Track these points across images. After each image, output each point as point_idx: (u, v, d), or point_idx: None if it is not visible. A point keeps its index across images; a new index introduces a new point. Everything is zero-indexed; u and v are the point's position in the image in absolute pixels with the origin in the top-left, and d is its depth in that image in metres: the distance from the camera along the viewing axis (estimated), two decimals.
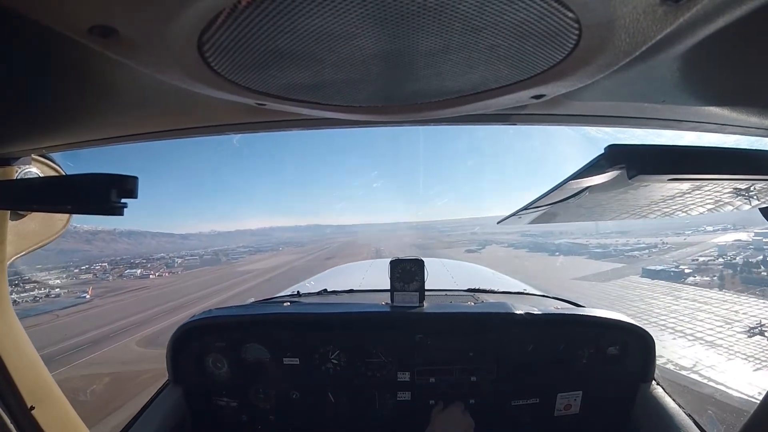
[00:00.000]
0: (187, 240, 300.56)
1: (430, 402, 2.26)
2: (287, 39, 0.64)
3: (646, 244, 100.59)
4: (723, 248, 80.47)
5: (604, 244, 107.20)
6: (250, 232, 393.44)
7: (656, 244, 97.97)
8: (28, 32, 0.68)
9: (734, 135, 1.26)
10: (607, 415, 2.26)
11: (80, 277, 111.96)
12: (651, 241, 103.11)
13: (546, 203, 1.34)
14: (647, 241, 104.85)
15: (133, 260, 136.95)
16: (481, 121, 1.27)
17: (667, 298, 55.92)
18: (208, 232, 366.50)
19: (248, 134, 1.40)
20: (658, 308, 50.99)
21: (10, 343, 1.48)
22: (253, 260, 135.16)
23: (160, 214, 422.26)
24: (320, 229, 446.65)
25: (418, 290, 2.30)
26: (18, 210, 1.46)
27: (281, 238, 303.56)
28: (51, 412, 1.58)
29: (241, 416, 2.33)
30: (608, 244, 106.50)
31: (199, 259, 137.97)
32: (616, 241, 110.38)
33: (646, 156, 0.83)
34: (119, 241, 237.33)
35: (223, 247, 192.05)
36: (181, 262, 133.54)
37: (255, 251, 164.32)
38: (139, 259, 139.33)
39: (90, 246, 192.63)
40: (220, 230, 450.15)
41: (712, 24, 0.66)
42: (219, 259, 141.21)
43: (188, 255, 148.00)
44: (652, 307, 52.12)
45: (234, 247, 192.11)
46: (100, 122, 1.20)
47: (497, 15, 0.58)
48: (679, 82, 0.95)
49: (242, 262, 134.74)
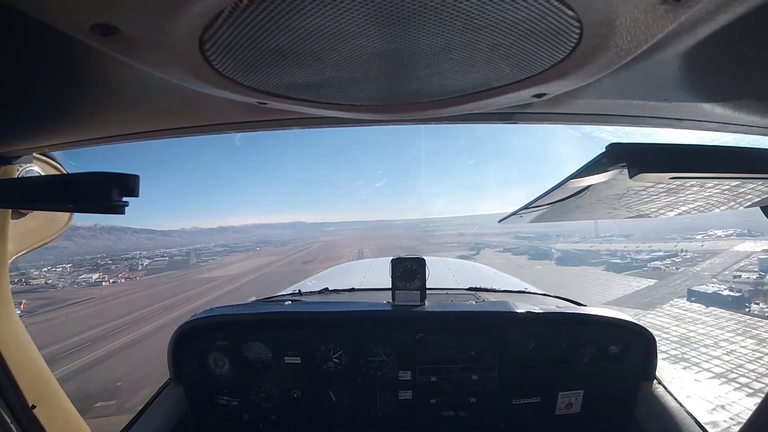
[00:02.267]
0: (167, 237, 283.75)
1: (431, 401, 2.27)
2: (289, 38, 0.64)
3: (664, 252, 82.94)
4: (765, 263, 60.81)
5: (614, 251, 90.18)
6: (233, 229, 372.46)
7: (674, 251, 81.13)
8: (30, 31, 0.68)
9: (735, 133, 1.26)
10: (609, 414, 2.26)
11: (31, 282, 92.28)
12: (665, 248, 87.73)
13: (547, 202, 1.33)
14: (659, 247, 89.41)
15: (100, 260, 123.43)
16: (483, 119, 1.27)
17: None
18: (190, 229, 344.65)
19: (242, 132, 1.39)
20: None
21: (12, 342, 1.49)
22: (225, 263, 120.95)
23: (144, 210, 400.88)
24: (304, 226, 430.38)
25: (420, 289, 2.30)
26: (19, 209, 1.47)
27: (264, 236, 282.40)
28: (52, 411, 1.58)
29: (243, 415, 2.33)
30: (617, 251, 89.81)
31: (168, 260, 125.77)
32: (624, 246, 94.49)
33: (647, 154, 0.83)
34: (99, 237, 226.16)
35: (200, 246, 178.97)
36: (147, 264, 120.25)
37: (231, 251, 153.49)
38: (107, 259, 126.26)
39: (69, 242, 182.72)
40: (203, 227, 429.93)
41: (713, 23, 0.65)
42: (188, 260, 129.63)
43: (159, 255, 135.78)
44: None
45: (211, 245, 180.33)
46: (102, 121, 1.20)
47: (498, 14, 0.58)
48: (680, 81, 0.94)
49: (212, 265, 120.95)
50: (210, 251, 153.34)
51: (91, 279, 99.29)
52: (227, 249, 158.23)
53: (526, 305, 2.28)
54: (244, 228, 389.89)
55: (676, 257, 76.50)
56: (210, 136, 1.38)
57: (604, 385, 2.25)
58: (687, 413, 1.97)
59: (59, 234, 1.64)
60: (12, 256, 1.49)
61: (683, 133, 1.34)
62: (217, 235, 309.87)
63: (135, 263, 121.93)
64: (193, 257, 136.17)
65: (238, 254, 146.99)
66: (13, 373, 1.45)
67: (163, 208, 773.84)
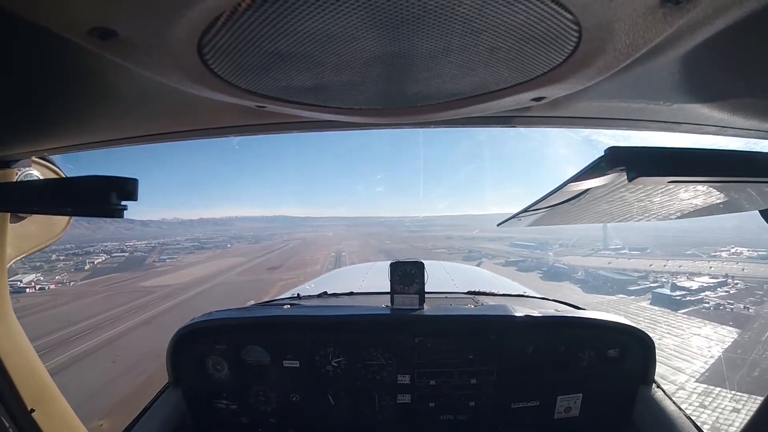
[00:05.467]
0: (147, 227, 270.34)
1: (429, 405, 2.26)
2: (287, 41, 0.63)
3: (710, 277, 59.25)
4: None
5: (642, 271, 68.73)
6: (213, 221, 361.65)
7: (723, 279, 57.49)
8: (29, 35, 0.67)
9: (734, 137, 1.26)
10: (607, 418, 2.25)
11: None
12: (693, 267, 67.09)
13: (546, 205, 1.34)
14: (687, 266, 68.75)
15: (56, 255, 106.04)
16: (481, 123, 1.27)
17: None
18: (171, 220, 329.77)
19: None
20: None
21: (11, 345, 1.48)
22: (182, 264, 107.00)
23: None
24: (287, 221, 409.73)
25: (418, 293, 2.30)
26: (18, 212, 1.46)
27: (243, 230, 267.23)
28: (51, 414, 1.58)
29: (242, 419, 2.32)
30: (647, 272, 68.40)
31: (127, 257, 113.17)
32: (650, 265, 72.57)
33: (645, 158, 0.82)
34: (77, 225, 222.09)
35: (170, 240, 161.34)
36: (99, 263, 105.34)
37: (199, 247, 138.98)
38: (64, 255, 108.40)
39: None
40: (185, 218, 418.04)
41: (712, 26, 0.65)
42: (146, 259, 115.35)
43: (120, 251, 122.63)
44: None
45: (183, 240, 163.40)
46: (100, 125, 1.21)
47: (497, 17, 0.58)
48: (679, 84, 0.94)
49: (167, 266, 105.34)
50: (177, 247, 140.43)
51: (20, 283, 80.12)
52: (196, 245, 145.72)
53: (525, 309, 2.28)
54: (225, 220, 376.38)
55: (726, 285, 56.25)
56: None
57: (602, 388, 2.25)
58: (686, 417, 1.96)
59: (58, 238, 1.64)
60: (11, 260, 1.48)
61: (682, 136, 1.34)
62: (197, 227, 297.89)
63: (84, 261, 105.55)
64: (153, 255, 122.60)
65: (205, 252, 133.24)
66: (12, 376, 1.45)
67: (148, 197, 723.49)
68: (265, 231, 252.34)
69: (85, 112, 1.09)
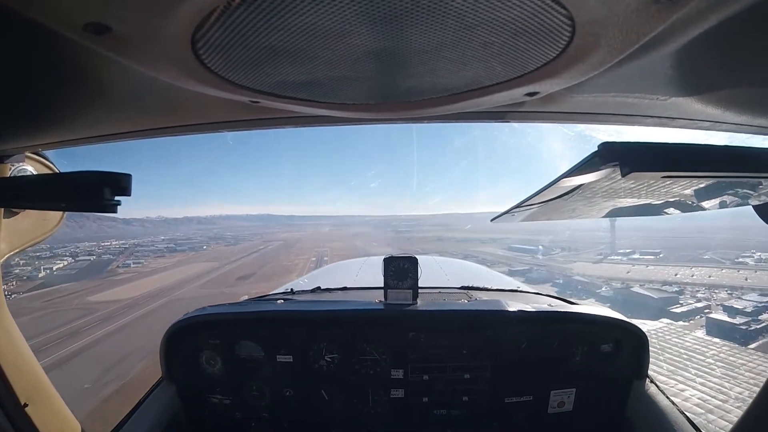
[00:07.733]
0: (129, 226, 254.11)
1: (423, 399, 2.27)
2: (281, 36, 0.64)
3: (760, 293, 44.20)
4: None
5: (675, 283, 54.43)
6: (197, 219, 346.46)
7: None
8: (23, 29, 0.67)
9: (727, 132, 1.27)
10: (601, 412, 2.27)
11: None
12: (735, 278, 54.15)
13: (539, 201, 1.34)
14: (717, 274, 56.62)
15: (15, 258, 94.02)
16: (475, 118, 1.27)
17: None
18: (155, 218, 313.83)
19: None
20: None
21: (5, 340, 1.48)
22: (146, 271, 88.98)
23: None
24: (272, 219, 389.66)
25: (412, 288, 2.31)
26: (11, 207, 1.46)
27: (225, 228, 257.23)
28: (45, 409, 1.58)
29: (235, 413, 2.33)
30: (679, 284, 54.18)
31: (91, 262, 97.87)
32: (675, 275, 58.47)
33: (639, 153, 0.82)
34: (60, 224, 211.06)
35: (145, 240, 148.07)
36: (60, 268, 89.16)
37: (172, 249, 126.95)
38: (27, 257, 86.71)
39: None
40: (168, 216, 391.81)
41: (705, 22, 0.66)
42: (110, 264, 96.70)
43: (85, 254, 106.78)
44: None
45: (158, 240, 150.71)
46: (94, 120, 1.20)
47: (491, 12, 0.58)
48: (673, 79, 0.95)
49: (129, 273, 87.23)
50: (150, 249, 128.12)
51: None
52: (170, 246, 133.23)
53: (519, 304, 2.29)
54: (210, 219, 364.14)
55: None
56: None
57: (596, 383, 2.27)
58: (679, 411, 1.98)
59: (51, 233, 1.63)
60: (4, 256, 1.48)
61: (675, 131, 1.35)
62: (180, 226, 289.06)
63: (40, 268, 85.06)
64: (120, 259, 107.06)
65: (177, 255, 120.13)
66: (6, 371, 1.45)
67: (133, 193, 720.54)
68: (248, 230, 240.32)
69: (79, 107, 1.09)
